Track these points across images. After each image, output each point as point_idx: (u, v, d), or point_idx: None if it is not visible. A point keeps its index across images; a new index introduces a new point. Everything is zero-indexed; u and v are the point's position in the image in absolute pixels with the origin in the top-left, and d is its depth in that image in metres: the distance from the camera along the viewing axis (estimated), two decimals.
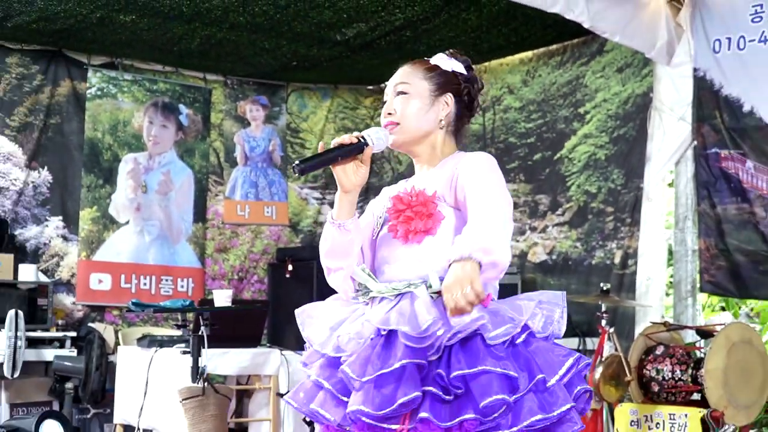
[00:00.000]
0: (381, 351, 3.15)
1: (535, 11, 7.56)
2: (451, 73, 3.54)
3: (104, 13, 8.40)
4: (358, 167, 3.36)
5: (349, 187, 3.38)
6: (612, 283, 8.01)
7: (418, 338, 3.10)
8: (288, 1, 8.12)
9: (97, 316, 9.57)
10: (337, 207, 3.41)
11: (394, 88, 3.53)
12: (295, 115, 11.11)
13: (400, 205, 3.38)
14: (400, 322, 3.15)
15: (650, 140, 8.25)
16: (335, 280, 3.50)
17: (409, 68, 3.55)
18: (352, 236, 3.40)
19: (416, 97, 3.48)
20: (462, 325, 3.10)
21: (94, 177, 9.76)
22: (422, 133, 3.49)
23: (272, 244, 10.74)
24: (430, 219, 3.31)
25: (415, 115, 3.47)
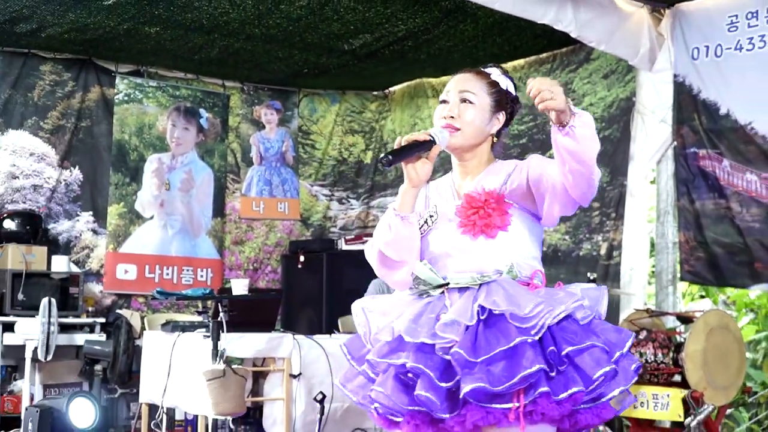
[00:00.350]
0: (487, 331, 3.11)
1: (527, 22, 7.54)
2: (505, 91, 3.53)
3: (131, 25, 8.37)
4: (424, 163, 3.31)
5: (416, 181, 3.32)
6: (598, 272, 7.96)
7: (525, 318, 3.09)
8: (300, 15, 8.09)
9: (124, 303, 9.54)
10: (400, 200, 3.35)
11: (459, 93, 3.47)
12: (306, 119, 11.06)
13: (476, 203, 3.34)
14: (507, 303, 3.13)
15: (633, 141, 8.21)
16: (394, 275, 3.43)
17: (474, 78, 3.51)
18: (413, 230, 3.37)
19: (480, 109, 3.45)
20: (566, 306, 3.13)
21: (121, 175, 9.72)
22: (476, 142, 3.47)
23: (285, 237, 10.69)
24: (506, 216, 3.31)
25: (477, 127, 3.44)
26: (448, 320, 3.14)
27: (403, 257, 3.37)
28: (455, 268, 3.33)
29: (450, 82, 3.54)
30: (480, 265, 3.29)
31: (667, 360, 6.57)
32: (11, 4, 7.88)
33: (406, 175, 3.32)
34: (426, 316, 3.23)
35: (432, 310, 3.25)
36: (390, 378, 3.21)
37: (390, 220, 3.36)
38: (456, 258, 3.34)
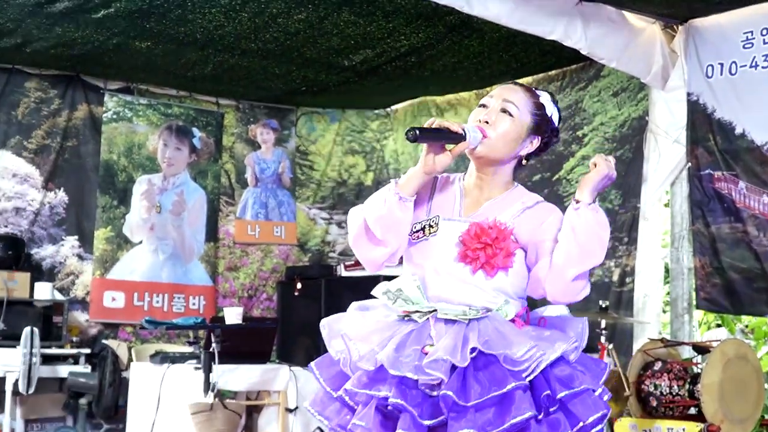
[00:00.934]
0: (477, 375, 3.12)
1: (535, 38, 7.56)
2: (549, 118, 3.49)
3: (121, 39, 8.41)
4: (445, 156, 3.28)
5: (430, 170, 3.29)
6: (610, 300, 7.96)
7: (519, 361, 3.11)
8: (298, 29, 8.12)
9: (110, 333, 9.54)
10: (405, 180, 3.33)
11: (502, 101, 3.42)
12: (304, 138, 11.10)
13: (485, 238, 3.28)
14: (502, 345, 3.14)
15: (646, 162, 8.22)
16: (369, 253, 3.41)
17: (523, 94, 3.46)
18: (406, 216, 3.33)
19: (518, 125, 3.41)
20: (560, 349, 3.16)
21: (109, 198, 9.74)
22: (502, 158, 3.43)
23: (281, 263, 10.71)
24: (509, 257, 3.29)
25: (509, 142, 3.41)
26: (437, 357, 3.12)
27: (387, 238, 3.34)
28: (440, 291, 3.31)
29: (495, 88, 3.49)
30: (470, 299, 3.29)
31: (683, 392, 6.57)
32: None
33: (422, 159, 3.28)
34: (410, 346, 3.21)
35: (416, 340, 3.24)
36: (371, 409, 3.19)
37: (387, 195, 3.31)
38: (445, 281, 3.32)
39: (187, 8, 7.65)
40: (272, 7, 7.63)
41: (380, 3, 7.54)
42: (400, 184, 3.32)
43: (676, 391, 6.60)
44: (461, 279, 3.30)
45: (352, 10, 7.69)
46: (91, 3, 7.55)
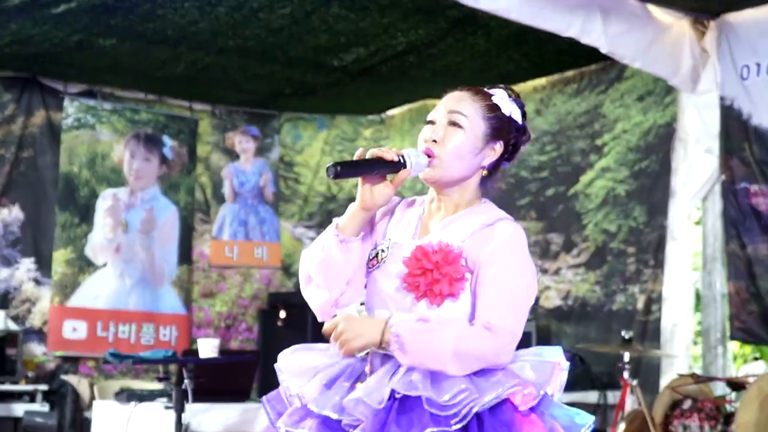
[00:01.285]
0: (398, 417, 3.07)
1: (548, 35, 7.56)
2: (508, 118, 3.38)
3: (82, 36, 8.41)
4: (385, 186, 3.24)
5: (370, 205, 3.26)
6: (634, 330, 7.95)
7: (444, 406, 3.03)
8: (281, 24, 8.12)
9: (70, 367, 9.52)
10: (346, 220, 3.31)
11: (448, 114, 3.32)
12: (289, 148, 11.10)
13: (426, 262, 3.22)
14: (425, 386, 3.07)
15: (674, 174, 8.22)
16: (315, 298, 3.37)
17: (470, 99, 3.36)
18: (351, 258, 3.30)
19: (470, 136, 3.31)
20: (498, 392, 3.07)
21: (69, 215, 9.73)
22: (461, 176, 3.33)
23: (263, 289, 10.71)
24: (456, 283, 3.20)
25: (463, 157, 3.31)
26: (357, 397, 3.11)
27: (330, 284, 3.33)
28: None
29: (442, 99, 3.39)
30: None
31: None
32: None
33: (359, 193, 3.25)
34: (340, 383, 3.24)
35: (349, 376, 3.26)
36: None
37: (327, 238, 3.31)
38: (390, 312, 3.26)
39: (157, 2, 7.65)
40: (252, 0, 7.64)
41: None
42: (340, 225, 3.30)
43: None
44: (405, 309, 3.25)
45: (343, 3, 7.70)
46: None
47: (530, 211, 9.44)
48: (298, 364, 3.37)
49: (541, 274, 9.26)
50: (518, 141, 3.43)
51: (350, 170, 3.18)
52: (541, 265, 9.28)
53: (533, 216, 9.43)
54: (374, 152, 3.21)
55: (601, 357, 8.02)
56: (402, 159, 3.21)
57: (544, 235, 9.32)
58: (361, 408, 3.10)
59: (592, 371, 8.18)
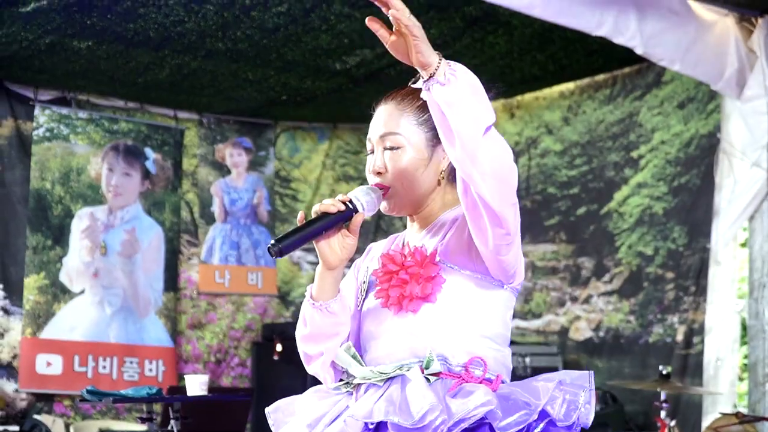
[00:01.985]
0: None
1: (577, 35, 7.58)
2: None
3: (55, 38, 8.43)
4: (344, 237, 3.24)
5: (334, 262, 3.27)
6: (673, 365, 7.98)
7: (411, 429, 3.04)
8: (277, 24, 8.15)
9: (44, 406, 9.52)
10: (317, 285, 3.32)
11: (381, 140, 3.34)
12: (286, 161, 11.13)
13: (391, 265, 3.28)
14: (389, 412, 3.09)
15: (718, 191, 8.23)
16: (315, 368, 3.44)
17: (397, 110, 3.36)
18: (337, 319, 3.34)
19: (411, 153, 3.31)
20: (465, 412, 3.04)
21: (41, 236, 9.75)
22: (421, 193, 3.34)
23: (257, 319, 10.72)
24: (429, 283, 3.21)
25: (412, 176, 3.30)
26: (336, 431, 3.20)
27: (320, 349, 3.39)
28: (377, 356, 3.31)
29: (371, 122, 3.41)
30: (399, 351, 3.26)
31: None
32: None
33: (319, 255, 3.27)
34: (322, 422, 3.30)
35: (335, 411, 3.31)
36: None
37: (305, 310, 3.36)
38: (379, 341, 3.31)
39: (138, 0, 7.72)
40: None
41: None
42: (314, 294, 3.33)
43: None
44: (388, 327, 3.28)
45: (346, 0, 7.72)
46: None
47: (559, 233, 9.46)
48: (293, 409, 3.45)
49: (571, 303, 9.28)
50: None
51: (294, 240, 3.18)
52: (571, 293, 9.30)
53: (562, 238, 9.44)
54: (316, 209, 3.20)
55: (635, 395, 8.03)
56: (351, 204, 3.22)
57: (575, 259, 9.33)
58: None
59: (627, 411, 8.19)
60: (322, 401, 3.38)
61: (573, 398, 3.19)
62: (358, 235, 3.26)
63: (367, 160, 3.39)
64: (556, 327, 9.31)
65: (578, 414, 3.17)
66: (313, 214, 3.21)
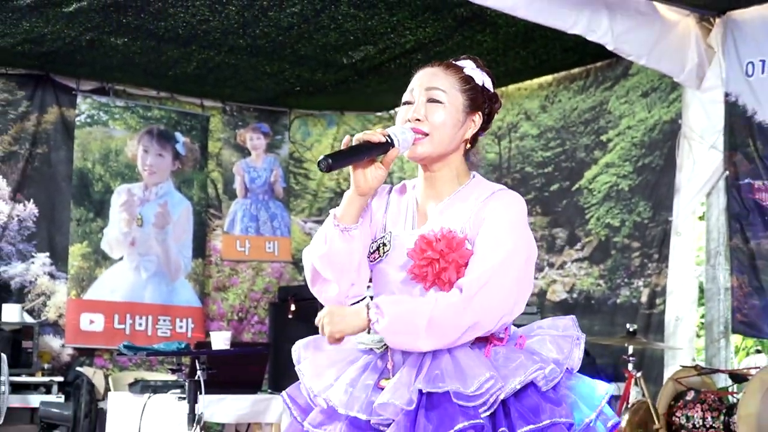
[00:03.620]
0: (428, 413, 3.01)
1: (555, 33, 7.51)
2: (482, 87, 3.36)
3: (95, 35, 8.36)
4: (377, 168, 3.20)
5: (365, 189, 3.21)
6: (639, 323, 7.92)
7: (472, 396, 2.99)
8: (291, 23, 8.07)
9: (86, 359, 9.48)
10: (343, 208, 3.24)
11: (426, 92, 3.27)
12: (299, 144, 11.06)
13: (431, 252, 3.16)
14: (449, 379, 3.01)
15: (679, 170, 8.16)
16: (324, 293, 3.34)
17: (444, 74, 3.32)
18: (354, 245, 3.24)
19: (452, 110, 3.26)
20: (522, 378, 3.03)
21: (84, 210, 9.69)
22: (447, 150, 3.28)
23: (274, 282, 10.67)
24: (465, 268, 3.13)
25: (449, 132, 3.26)
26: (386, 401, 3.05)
27: (336, 275, 3.28)
28: None
29: (414, 78, 3.35)
30: None
31: (718, 424, 6.52)
32: None
33: (352, 179, 3.21)
34: (363, 382, 3.17)
35: (370, 375, 3.20)
36: None
37: (327, 230, 3.25)
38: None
39: (168, 1, 7.61)
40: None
41: None
42: (338, 215, 3.25)
43: (710, 423, 6.55)
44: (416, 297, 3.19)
45: (352, 2, 7.65)
46: None
47: (535, 207, 9.38)
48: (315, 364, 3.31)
49: (548, 268, 9.23)
50: (492, 109, 3.41)
51: (341, 160, 3.14)
52: (547, 259, 9.24)
53: (538, 211, 9.38)
54: (360, 137, 3.15)
55: (605, 349, 7.98)
56: (389, 138, 3.17)
57: (550, 230, 9.27)
58: (390, 409, 3.04)
59: (597, 363, 8.14)
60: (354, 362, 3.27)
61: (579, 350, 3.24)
62: (389, 168, 3.21)
63: (401, 110, 3.32)
64: (534, 290, 9.25)
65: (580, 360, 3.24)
66: (355, 141, 3.14)
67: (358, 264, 3.28)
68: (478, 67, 3.39)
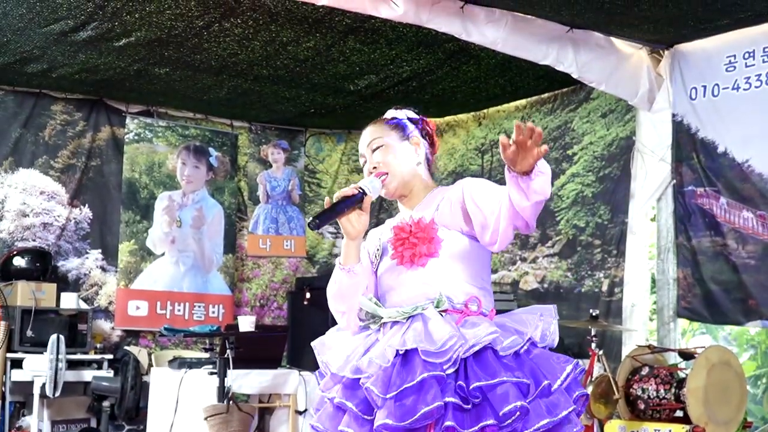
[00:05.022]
0: (401, 369, 3.10)
1: (528, 63, 7.47)
2: (406, 119, 3.60)
3: (141, 66, 8.34)
4: (359, 215, 3.31)
5: (354, 234, 3.32)
6: (600, 309, 7.87)
7: (436, 353, 3.07)
8: (306, 56, 8.04)
9: (132, 340, 9.46)
10: (344, 253, 3.37)
11: (369, 147, 3.51)
12: (313, 158, 11.01)
13: (402, 233, 3.37)
14: (417, 340, 3.12)
15: (633, 179, 8.11)
16: (341, 321, 3.45)
17: (373, 127, 3.56)
18: (359, 279, 3.36)
19: (393, 147, 3.49)
20: (478, 338, 3.09)
21: (132, 213, 9.66)
22: (409, 174, 3.49)
23: (291, 274, 10.63)
24: (432, 243, 3.29)
25: (398, 161, 3.48)
26: (369, 359, 3.19)
27: (349, 305, 3.40)
28: (394, 299, 3.35)
29: (359, 144, 3.59)
30: (414, 296, 3.30)
31: (669, 396, 6.46)
32: (22, 45, 7.83)
33: (342, 229, 3.33)
34: (356, 350, 3.30)
35: (364, 345, 3.31)
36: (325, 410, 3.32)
37: (335, 274, 3.40)
38: (397, 290, 3.35)
39: (203, 37, 7.58)
40: (282, 35, 7.55)
41: (384, 32, 7.45)
42: (341, 261, 3.37)
43: (663, 395, 6.48)
44: (403, 281, 3.34)
45: (357, 38, 7.60)
46: (113, 32, 7.48)
47: None
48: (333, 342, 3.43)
49: (521, 262, 9.17)
50: (427, 128, 3.65)
51: (326, 217, 3.26)
52: (521, 255, 9.18)
53: None
54: (337, 195, 3.29)
55: (572, 331, 7.91)
56: (361, 190, 3.32)
57: None
58: (372, 367, 3.16)
59: (565, 343, 8.08)
60: (355, 337, 3.38)
61: (546, 326, 3.28)
62: (369, 212, 3.32)
63: (363, 171, 3.50)
64: (509, 280, 9.19)
65: (550, 337, 3.29)
66: (335, 199, 3.26)
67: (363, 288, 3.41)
68: (398, 109, 3.66)
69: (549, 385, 3.09)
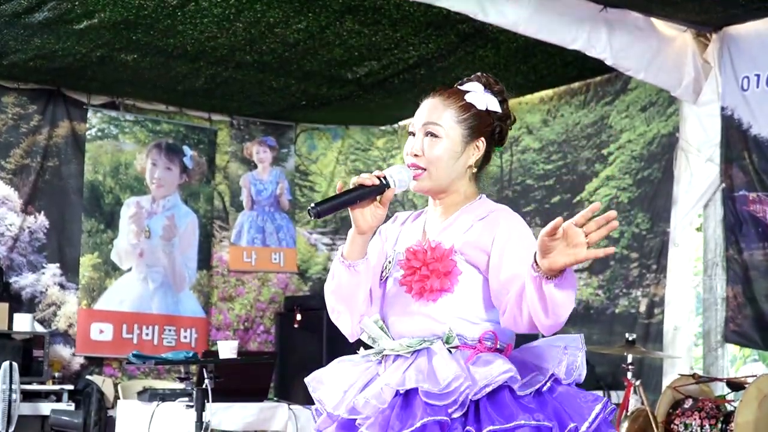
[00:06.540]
0: (400, 411, 3.09)
1: (555, 48, 7.53)
2: (485, 112, 3.36)
3: (105, 51, 8.40)
4: (376, 208, 3.22)
5: (365, 228, 3.24)
6: (637, 333, 7.90)
7: (440, 395, 3.04)
8: (297, 39, 8.10)
9: (95, 368, 9.50)
10: (348, 245, 3.29)
11: (424, 127, 3.32)
12: (304, 157, 11.09)
13: (414, 261, 3.25)
14: (419, 379, 3.09)
15: (676, 182, 8.17)
16: (337, 322, 3.43)
17: (441, 105, 3.33)
18: (361, 278, 3.30)
19: (449, 144, 3.29)
20: (490, 378, 3.05)
21: (94, 221, 9.73)
22: (449, 181, 3.32)
23: (280, 293, 10.69)
24: (447, 277, 3.21)
25: (445, 163, 3.29)
26: (370, 396, 3.16)
27: (348, 307, 3.36)
28: (400, 327, 3.31)
29: (419, 109, 3.38)
30: (421, 330, 3.26)
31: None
32: None
33: (353, 221, 3.24)
34: (354, 385, 3.28)
35: (363, 379, 3.30)
36: None
37: (335, 266, 3.33)
38: (402, 320, 3.31)
39: (177, 18, 7.64)
40: (269, 16, 7.61)
41: (387, 11, 7.51)
42: (344, 253, 3.30)
43: (708, 431, 6.55)
44: (412, 310, 3.28)
45: (356, 18, 7.66)
46: (73, 13, 7.53)
47: (535, 218, 9.40)
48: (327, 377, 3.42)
49: None
50: (503, 128, 3.43)
51: (331, 205, 3.18)
52: None
53: (538, 223, 9.39)
54: (355, 180, 3.20)
55: (604, 358, 7.98)
56: (384, 180, 3.21)
57: None
58: (368, 408, 3.15)
59: (597, 372, 8.15)
60: (353, 369, 3.37)
61: (572, 359, 3.21)
62: (387, 207, 3.24)
63: (408, 140, 3.38)
64: None
65: (576, 372, 3.21)
66: (351, 185, 3.19)
67: (365, 296, 3.37)
68: (486, 88, 3.42)
69: (576, 428, 3.05)
